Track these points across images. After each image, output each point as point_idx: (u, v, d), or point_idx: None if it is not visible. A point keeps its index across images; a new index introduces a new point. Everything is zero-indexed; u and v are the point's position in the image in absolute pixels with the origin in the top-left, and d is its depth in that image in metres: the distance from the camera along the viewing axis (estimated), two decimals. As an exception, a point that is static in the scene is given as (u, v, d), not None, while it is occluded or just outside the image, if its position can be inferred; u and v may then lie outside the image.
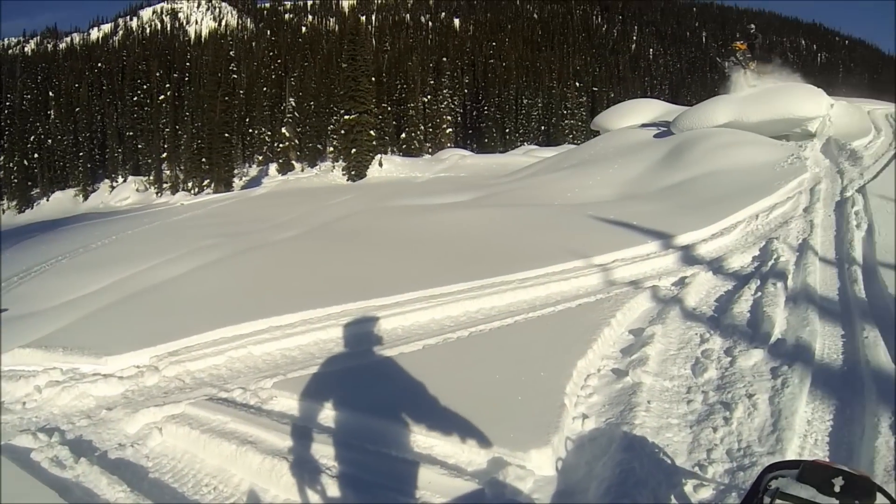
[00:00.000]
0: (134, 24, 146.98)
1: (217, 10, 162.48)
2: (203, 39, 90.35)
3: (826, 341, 4.29)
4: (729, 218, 7.98)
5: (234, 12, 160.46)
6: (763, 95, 15.55)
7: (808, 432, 3.21)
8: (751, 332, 4.42)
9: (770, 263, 6.07)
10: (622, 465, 2.88)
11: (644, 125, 20.23)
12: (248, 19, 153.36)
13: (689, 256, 6.71)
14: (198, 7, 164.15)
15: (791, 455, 2.94)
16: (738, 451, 3.03)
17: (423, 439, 3.18)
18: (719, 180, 10.65)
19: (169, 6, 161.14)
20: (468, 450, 3.06)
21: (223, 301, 5.57)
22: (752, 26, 17.56)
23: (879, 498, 1.36)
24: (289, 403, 3.75)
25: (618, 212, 8.73)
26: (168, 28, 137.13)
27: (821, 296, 5.21)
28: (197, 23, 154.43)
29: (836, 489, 1.34)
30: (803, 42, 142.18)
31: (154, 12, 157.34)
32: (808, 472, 1.41)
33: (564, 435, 3.18)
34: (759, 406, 3.40)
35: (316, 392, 3.76)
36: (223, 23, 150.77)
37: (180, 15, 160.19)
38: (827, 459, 2.67)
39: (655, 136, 17.17)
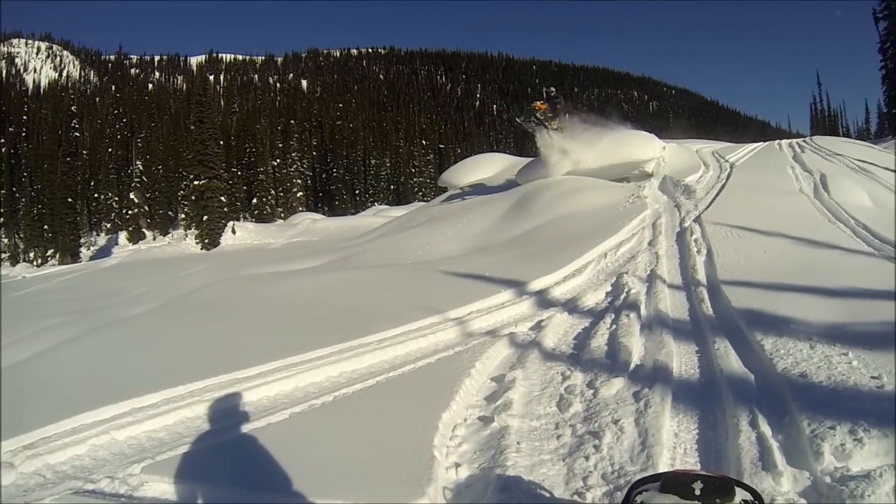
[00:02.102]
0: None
1: (58, 58, 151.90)
2: (42, 90, 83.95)
3: (682, 359, 4.64)
4: (579, 260, 8.29)
5: (77, 62, 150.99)
6: (602, 143, 16.68)
7: (676, 444, 3.46)
8: (610, 363, 4.67)
9: (622, 297, 6.43)
10: (502, 505, 2.94)
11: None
12: (92, 71, 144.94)
13: (543, 301, 6.89)
14: (37, 53, 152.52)
15: (663, 468, 3.14)
16: (612, 473, 3.20)
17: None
18: (566, 225, 11.14)
19: (5, 49, 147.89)
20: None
21: (78, 385, 5.06)
22: (553, 89, 17.72)
23: (740, 493, 1.50)
24: (161, 487, 3.48)
25: (469, 265, 8.89)
26: (3, 74, 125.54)
27: (673, 319, 5.64)
28: (36, 71, 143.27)
29: (697, 493, 1.46)
30: (635, 93, 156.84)
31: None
32: (668, 482, 1.53)
33: (440, 485, 3.20)
34: (626, 429, 3.61)
35: (188, 472, 3.54)
36: (64, 73, 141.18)
37: (17, 60, 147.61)
38: (687, 468, 2.89)
39: (503, 187, 17.98)
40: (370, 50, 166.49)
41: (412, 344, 5.69)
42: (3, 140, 49.40)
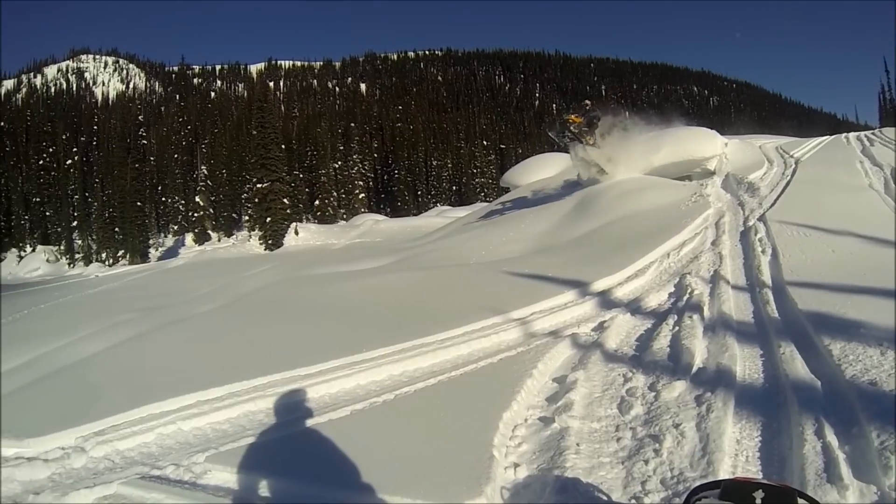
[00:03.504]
0: (38, 81, 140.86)
1: (124, 71, 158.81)
2: (110, 102, 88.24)
3: (746, 363, 4.50)
4: (641, 260, 8.16)
5: (142, 74, 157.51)
6: (662, 141, 16.35)
7: (738, 451, 3.35)
8: (672, 366, 4.58)
9: (685, 298, 6.31)
10: (558, 506, 2.93)
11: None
12: (157, 82, 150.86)
13: (606, 301, 6.81)
14: (104, 67, 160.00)
15: (724, 475, 3.04)
16: (671, 478, 3.13)
17: (359, 501, 3.16)
18: (628, 225, 10.95)
19: (74, 65, 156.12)
20: (404, 507, 3.05)
21: (147, 377, 5.34)
22: (588, 102, 16.47)
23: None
24: (224, 476, 3.63)
25: (532, 265, 8.83)
26: (74, 88, 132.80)
27: (737, 321, 5.48)
28: (104, 84, 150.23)
29: (758, 502, 1.42)
30: (695, 88, 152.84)
31: (59, 70, 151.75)
32: (729, 489, 1.49)
33: (498, 484, 3.20)
34: (687, 434, 3.53)
35: (250, 463, 3.68)
36: (131, 85, 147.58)
37: (86, 74, 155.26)
38: (749, 476, 2.80)
39: (563, 187, 17.74)
40: (427, 52, 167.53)
41: (475, 344, 5.71)
42: (75, 149, 52.14)
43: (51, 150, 51.57)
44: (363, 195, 57.99)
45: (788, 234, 8.29)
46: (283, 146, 40.94)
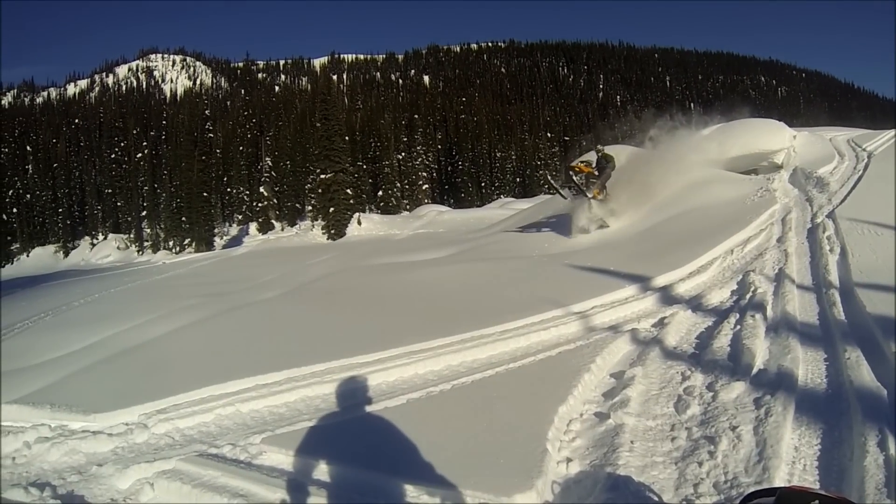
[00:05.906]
0: (110, 80, 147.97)
1: (192, 68, 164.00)
2: (178, 98, 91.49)
3: (809, 367, 4.36)
4: (705, 255, 8.04)
5: (209, 71, 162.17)
6: (729, 134, 15.83)
7: (795, 458, 3.25)
8: (732, 366, 4.47)
9: (748, 296, 6.16)
10: (608, 504, 2.91)
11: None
12: (223, 78, 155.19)
13: (667, 297, 6.73)
14: (172, 66, 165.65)
15: (779, 483, 2.97)
16: (724, 483, 3.07)
17: (410, 489, 3.21)
18: (692, 220, 10.78)
19: (144, 64, 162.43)
20: (455, 497, 3.09)
21: (209, 360, 5.58)
22: (601, 147, 13.90)
23: None
24: (278, 458, 3.77)
25: (594, 259, 8.80)
26: (143, 85, 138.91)
27: (801, 322, 5.31)
28: (172, 81, 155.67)
29: None
30: (762, 78, 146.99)
31: (129, 69, 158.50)
32: (784, 498, 1.46)
33: (549, 479, 3.21)
34: (744, 437, 3.44)
35: (304, 446, 3.79)
36: (198, 81, 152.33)
37: (155, 73, 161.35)
38: (805, 485, 2.71)
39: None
40: (490, 44, 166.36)
41: (534, 336, 5.74)
42: (145, 143, 54.57)
43: (122, 144, 54.34)
44: (427, 186, 58.03)
45: (859, 233, 7.96)
46: (346, 138, 41.48)
